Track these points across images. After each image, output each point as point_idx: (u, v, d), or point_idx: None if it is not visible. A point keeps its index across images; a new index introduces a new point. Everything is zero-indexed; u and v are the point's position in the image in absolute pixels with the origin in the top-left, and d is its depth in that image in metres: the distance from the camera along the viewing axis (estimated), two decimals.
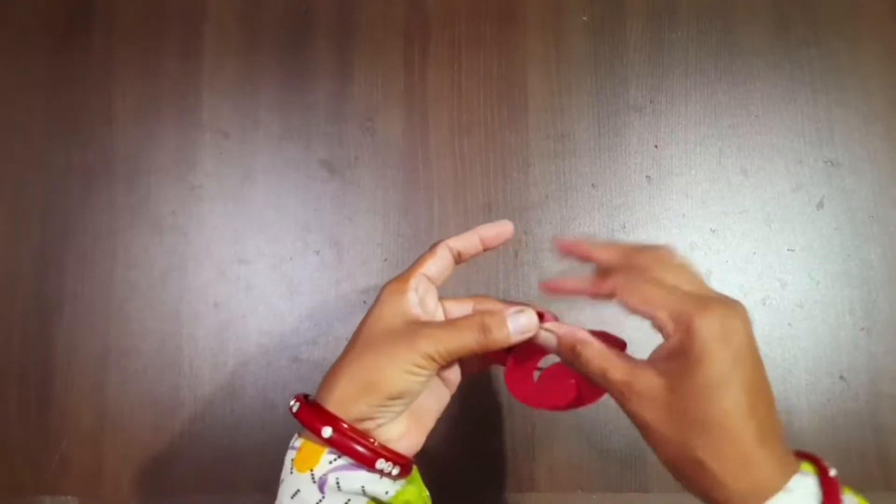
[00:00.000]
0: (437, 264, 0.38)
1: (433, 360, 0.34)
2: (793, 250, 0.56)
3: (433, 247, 0.38)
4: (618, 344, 0.36)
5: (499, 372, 0.53)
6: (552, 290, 0.37)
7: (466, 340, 0.34)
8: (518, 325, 0.35)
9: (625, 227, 0.56)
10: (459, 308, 0.38)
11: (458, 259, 0.39)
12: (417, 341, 0.34)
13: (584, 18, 0.59)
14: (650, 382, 0.31)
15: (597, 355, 0.33)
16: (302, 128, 0.59)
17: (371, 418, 0.34)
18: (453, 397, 0.39)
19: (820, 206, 0.56)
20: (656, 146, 0.58)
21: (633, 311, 0.32)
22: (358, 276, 0.56)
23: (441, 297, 0.39)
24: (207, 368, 0.55)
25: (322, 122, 0.59)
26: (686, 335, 0.30)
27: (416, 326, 0.35)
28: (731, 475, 0.29)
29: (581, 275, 0.36)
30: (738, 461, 0.29)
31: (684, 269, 0.34)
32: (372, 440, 0.34)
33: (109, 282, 0.57)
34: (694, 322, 0.30)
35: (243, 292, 0.57)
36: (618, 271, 0.34)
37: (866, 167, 0.57)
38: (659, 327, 0.31)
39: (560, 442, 0.54)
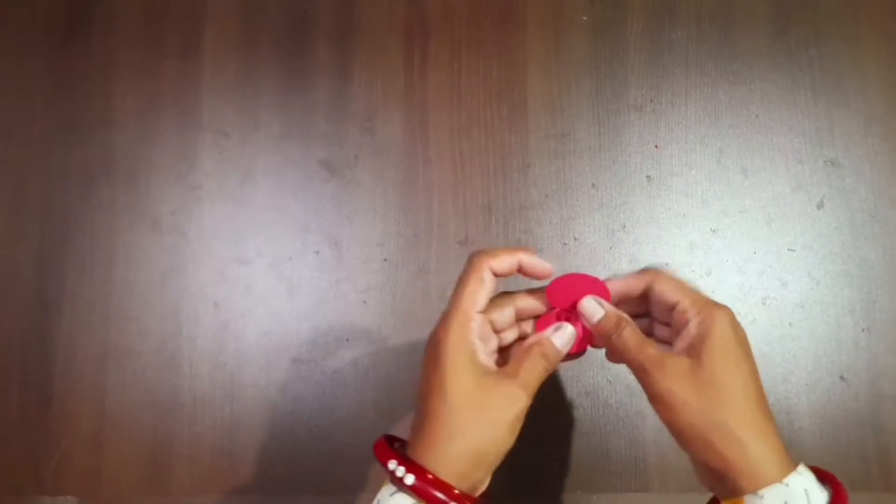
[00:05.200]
0: (486, 294, 0.37)
1: (529, 405, 0.36)
2: (793, 250, 0.56)
3: (476, 269, 0.37)
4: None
5: None
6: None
7: (541, 374, 0.37)
8: (563, 340, 0.39)
9: (625, 227, 0.56)
10: (503, 316, 0.39)
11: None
12: (516, 398, 0.35)
13: (584, 18, 0.59)
14: (677, 360, 0.35)
15: (636, 332, 0.37)
16: (302, 128, 0.59)
17: (483, 481, 0.36)
18: None
19: (820, 205, 0.56)
20: (656, 146, 0.58)
21: (665, 295, 0.37)
22: (358, 275, 0.56)
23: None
24: (207, 369, 0.55)
25: (322, 122, 0.59)
26: (707, 320, 0.35)
27: (501, 380, 0.36)
28: (751, 437, 0.32)
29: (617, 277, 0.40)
30: (756, 427, 0.33)
31: (685, 282, 0.38)
32: None
33: (109, 282, 0.57)
34: (714, 312, 0.35)
35: (243, 292, 0.57)
36: (644, 272, 0.39)
37: (866, 167, 0.57)
38: (682, 311, 0.36)
39: (560, 442, 0.53)
